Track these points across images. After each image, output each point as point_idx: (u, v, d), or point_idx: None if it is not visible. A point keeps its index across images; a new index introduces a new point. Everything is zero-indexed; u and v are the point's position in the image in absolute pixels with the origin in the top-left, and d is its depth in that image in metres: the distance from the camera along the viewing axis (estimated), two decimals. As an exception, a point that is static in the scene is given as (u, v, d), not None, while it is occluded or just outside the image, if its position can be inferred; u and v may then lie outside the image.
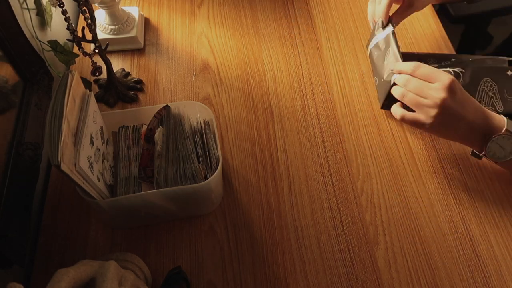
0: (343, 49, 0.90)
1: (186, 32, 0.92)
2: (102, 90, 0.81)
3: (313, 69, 0.86)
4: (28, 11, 0.73)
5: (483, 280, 0.63)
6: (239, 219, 0.69)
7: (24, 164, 0.65)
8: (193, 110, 0.69)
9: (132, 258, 0.58)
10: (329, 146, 0.76)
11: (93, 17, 0.69)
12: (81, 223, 0.68)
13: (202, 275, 0.64)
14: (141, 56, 0.88)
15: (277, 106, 0.81)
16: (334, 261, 0.65)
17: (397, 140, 0.77)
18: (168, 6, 0.97)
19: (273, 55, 0.89)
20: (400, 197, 0.71)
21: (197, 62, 0.87)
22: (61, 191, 0.71)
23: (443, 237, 0.67)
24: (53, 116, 0.52)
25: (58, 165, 0.49)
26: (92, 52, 0.73)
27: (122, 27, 0.87)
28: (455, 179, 0.72)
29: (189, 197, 0.63)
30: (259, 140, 0.77)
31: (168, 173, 0.63)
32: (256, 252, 0.66)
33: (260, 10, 0.96)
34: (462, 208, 0.70)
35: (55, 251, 0.66)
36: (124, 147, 0.68)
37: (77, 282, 0.44)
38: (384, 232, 0.68)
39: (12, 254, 0.58)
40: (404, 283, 0.63)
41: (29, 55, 0.69)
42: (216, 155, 0.64)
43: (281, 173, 0.73)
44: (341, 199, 0.71)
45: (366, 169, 0.74)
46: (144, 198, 0.61)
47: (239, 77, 0.85)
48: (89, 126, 0.59)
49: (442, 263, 0.65)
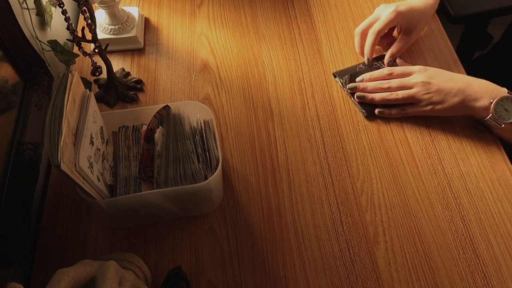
0: (343, 49, 0.90)
1: (186, 32, 0.92)
2: (102, 90, 0.81)
3: (313, 69, 0.86)
4: (28, 11, 0.73)
5: (483, 280, 0.63)
6: (239, 219, 0.69)
7: (24, 164, 0.65)
8: (193, 110, 0.69)
9: (132, 258, 0.58)
10: (329, 146, 0.76)
11: (93, 17, 0.69)
12: (81, 223, 0.68)
13: (202, 275, 0.64)
14: (141, 56, 0.88)
15: (277, 106, 0.81)
16: (334, 261, 0.65)
17: (397, 140, 0.77)
18: (168, 6, 0.97)
19: (273, 55, 0.89)
20: (400, 197, 0.71)
21: (197, 62, 0.87)
22: (61, 191, 0.71)
23: (443, 237, 0.67)
24: (53, 116, 0.52)
25: (58, 165, 0.49)
26: (92, 52, 0.73)
27: (122, 27, 0.87)
28: (455, 179, 0.72)
29: (189, 197, 0.63)
30: (259, 140, 0.77)
31: (168, 173, 0.63)
32: (256, 252, 0.66)
33: (260, 10, 0.96)
34: (462, 208, 0.70)
35: (55, 251, 0.66)
36: (124, 147, 0.68)
37: (77, 282, 0.44)
38: (384, 232, 0.68)
39: (12, 254, 0.57)
40: (404, 283, 0.63)
41: (29, 55, 0.69)
42: (216, 155, 0.64)
43: (281, 173, 0.73)
44: (341, 199, 0.71)
45: (366, 169, 0.74)
46: (144, 198, 0.61)
47: (239, 77, 0.85)
48: (89, 126, 0.59)
49: (442, 263, 0.65)
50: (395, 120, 0.79)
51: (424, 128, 0.78)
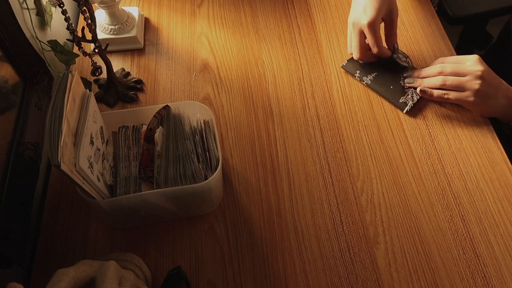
0: (343, 49, 0.90)
1: (186, 32, 0.92)
2: (102, 90, 0.81)
3: (313, 69, 0.86)
4: (28, 11, 0.73)
5: (483, 280, 0.63)
6: (239, 219, 0.69)
7: (24, 164, 0.65)
8: (193, 110, 0.69)
9: (132, 258, 0.58)
10: (329, 146, 0.76)
11: (93, 17, 0.69)
12: (81, 223, 0.68)
13: (202, 275, 0.64)
14: (141, 56, 0.88)
15: (277, 106, 0.81)
16: (334, 261, 0.65)
17: (397, 140, 0.77)
18: (168, 6, 0.97)
19: (273, 55, 0.89)
20: (400, 197, 0.71)
21: (197, 62, 0.87)
22: (61, 191, 0.71)
23: (443, 237, 0.67)
24: (53, 116, 0.52)
25: (58, 165, 0.49)
26: (92, 52, 0.73)
27: (122, 27, 0.87)
28: (455, 179, 0.72)
29: (189, 197, 0.63)
30: (259, 140, 0.77)
31: (168, 173, 0.63)
32: (256, 252, 0.66)
33: (260, 10, 0.96)
34: (462, 208, 0.70)
35: (55, 251, 0.66)
36: (124, 147, 0.68)
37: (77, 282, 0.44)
38: (384, 232, 0.68)
39: (12, 254, 0.57)
40: (404, 283, 0.63)
41: (29, 55, 0.69)
42: (216, 155, 0.64)
43: (281, 173, 0.73)
44: (341, 199, 0.71)
45: (366, 169, 0.74)
46: (144, 198, 0.61)
47: (239, 77, 0.85)
48: (89, 126, 0.59)
49: (442, 263, 0.65)
50: (395, 120, 0.79)
51: (424, 128, 0.78)
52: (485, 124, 0.78)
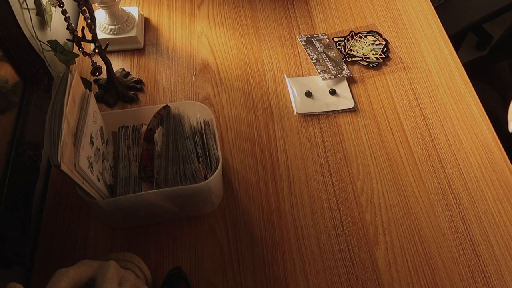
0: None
1: (186, 32, 0.92)
2: (102, 90, 0.81)
3: (313, 69, 0.86)
4: (28, 11, 0.73)
5: (483, 280, 0.63)
6: (239, 219, 0.69)
7: (24, 164, 0.64)
8: (193, 110, 0.69)
9: (132, 258, 0.58)
10: (329, 146, 0.76)
11: (93, 17, 0.69)
12: (81, 223, 0.68)
13: (202, 275, 0.64)
14: (141, 56, 0.88)
15: (277, 106, 0.81)
16: (334, 261, 0.65)
17: (397, 140, 0.77)
18: (168, 6, 0.97)
19: (273, 55, 0.89)
20: (400, 197, 0.71)
21: (197, 62, 0.87)
22: (61, 191, 0.71)
23: (443, 237, 0.67)
24: (53, 116, 0.52)
25: (58, 165, 0.49)
26: (92, 52, 0.73)
27: (122, 27, 0.87)
28: (455, 179, 0.72)
29: (189, 197, 0.63)
30: (259, 140, 0.77)
31: (168, 173, 0.63)
32: (256, 252, 0.66)
33: (260, 10, 0.96)
34: (462, 208, 0.70)
35: (55, 251, 0.66)
36: (124, 147, 0.68)
37: (77, 282, 0.44)
38: (384, 232, 0.68)
39: (12, 254, 0.57)
40: (404, 283, 0.63)
41: (29, 55, 0.69)
42: (216, 155, 0.64)
43: (281, 173, 0.73)
44: (341, 199, 0.71)
45: (366, 169, 0.74)
46: (144, 198, 0.61)
47: (239, 77, 0.85)
48: (89, 126, 0.59)
49: (442, 263, 0.65)
50: (395, 120, 0.79)
51: (424, 128, 0.78)
52: (485, 124, 0.78)
